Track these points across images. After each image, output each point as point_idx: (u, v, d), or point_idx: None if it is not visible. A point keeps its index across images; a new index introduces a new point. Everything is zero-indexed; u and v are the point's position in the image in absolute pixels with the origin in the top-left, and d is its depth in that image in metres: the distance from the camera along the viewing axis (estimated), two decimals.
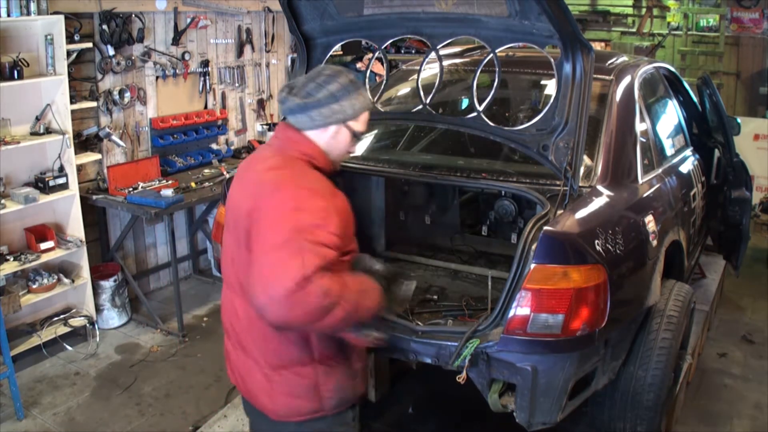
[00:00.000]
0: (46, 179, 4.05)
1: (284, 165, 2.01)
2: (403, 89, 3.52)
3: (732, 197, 4.23)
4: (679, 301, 2.92)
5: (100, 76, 4.48)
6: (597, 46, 6.24)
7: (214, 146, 5.38)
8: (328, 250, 1.83)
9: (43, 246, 4.06)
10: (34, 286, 4.06)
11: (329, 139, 2.07)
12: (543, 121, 2.52)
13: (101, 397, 3.79)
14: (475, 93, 2.68)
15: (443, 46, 2.77)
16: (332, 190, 2.02)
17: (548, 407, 2.38)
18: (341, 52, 6.34)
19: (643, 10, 8.61)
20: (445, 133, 3.44)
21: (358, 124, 2.10)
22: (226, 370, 2.28)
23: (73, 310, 4.35)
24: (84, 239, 4.24)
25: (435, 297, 2.82)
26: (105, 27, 4.37)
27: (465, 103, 3.60)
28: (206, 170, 4.99)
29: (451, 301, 2.79)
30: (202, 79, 5.15)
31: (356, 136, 2.12)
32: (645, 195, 2.93)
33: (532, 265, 2.26)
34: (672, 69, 4.04)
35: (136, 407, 3.70)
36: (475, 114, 2.66)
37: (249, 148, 5.53)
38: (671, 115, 3.85)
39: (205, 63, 5.15)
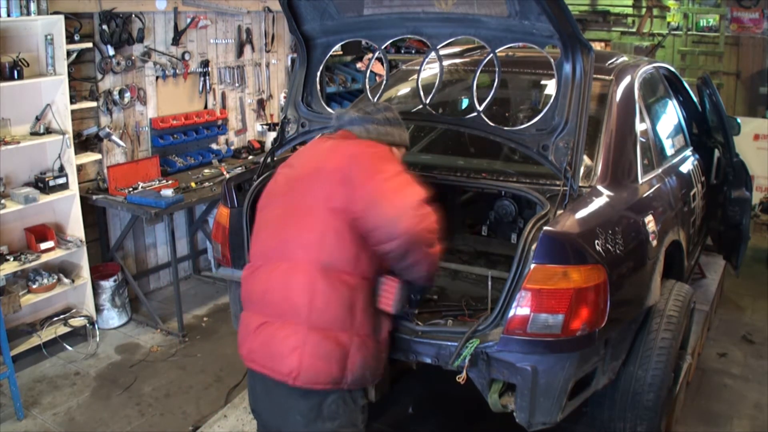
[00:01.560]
0: (46, 179, 4.05)
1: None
2: (403, 89, 3.52)
3: (732, 197, 4.23)
4: (679, 301, 2.92)
5: (100, 76, 4.48)
6: (597, 46, 6.24)
7: (214, 146, 5.38)
8: None
9: (43, 246, 4.06)
10: (34, 286, 4.05)
11: None
12: (543, 121, 2.52)
13: (101, 397, 3.79)
14: (475, 93, 2.68)
15: (443, 46, 2.77)
16: None
17: (548, 407, 2.38)
18: (341, 52, 6.34)
19: (643, 10, 8.60)
20: (445, 133, 3.44)
21: (399, 154, 2.45)
22: (239, 349, 2.35)
23: (73, 310, 4.35)
24: (84, 239, 4.23)
25: (435, 297, 2.82)
26: (105, 27, 4.36)
27: (465, 103, 3.59)
28: (206, 170, 4.99)
29: (451, 301, 2.78)
30: (202, 79, 5.15)
31: None
32: (645, 195, 2.93)
33: (532, 265, 2.27)
34: (672, 69, 4.03)
35: (136, 407, 3.70)
36: (475, 114, 2.66)
37: (249, 148, 5.52)
38: (671, 115, 3.85)
39: (205, 63, 5.15)
